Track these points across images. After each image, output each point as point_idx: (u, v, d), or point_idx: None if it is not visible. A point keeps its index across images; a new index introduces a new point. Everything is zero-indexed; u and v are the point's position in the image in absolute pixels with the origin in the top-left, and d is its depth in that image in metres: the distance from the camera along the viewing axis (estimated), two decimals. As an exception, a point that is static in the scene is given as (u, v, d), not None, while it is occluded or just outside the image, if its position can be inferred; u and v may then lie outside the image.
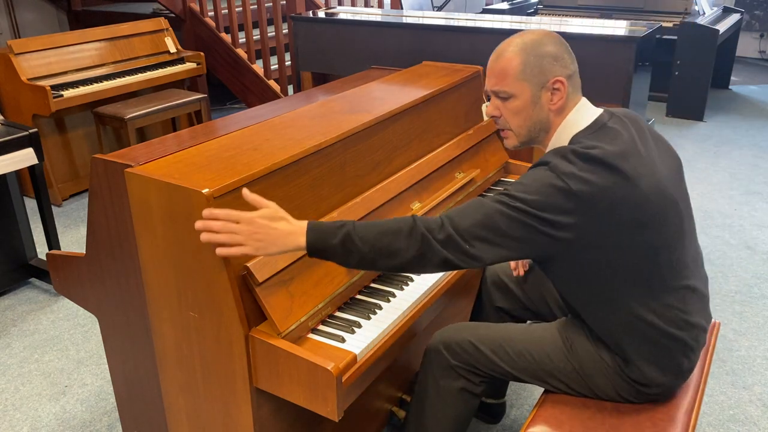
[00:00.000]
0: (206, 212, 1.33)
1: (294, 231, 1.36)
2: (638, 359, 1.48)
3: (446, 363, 1.63)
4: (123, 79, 4.08)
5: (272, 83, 4.70)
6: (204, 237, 1.34)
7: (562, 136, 1.48)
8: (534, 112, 1.48)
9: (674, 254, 1.45)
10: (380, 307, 1.58)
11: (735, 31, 5.91)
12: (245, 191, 1.38)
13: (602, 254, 1.39)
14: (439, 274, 1.73)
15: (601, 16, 5.66)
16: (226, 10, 4.79)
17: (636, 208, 1.37)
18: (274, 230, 1.34)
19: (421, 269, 1.39)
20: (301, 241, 1.36)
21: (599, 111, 1.50)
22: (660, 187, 1.40)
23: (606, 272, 1.42)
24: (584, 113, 1.49)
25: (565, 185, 1.33)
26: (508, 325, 1.68)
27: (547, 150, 1.50)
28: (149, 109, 3.86)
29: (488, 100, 1.54)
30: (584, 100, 1.50)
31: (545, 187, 1.34)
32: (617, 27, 3.11)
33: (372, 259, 1.37)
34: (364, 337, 1.47)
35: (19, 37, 5.43)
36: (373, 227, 1.38)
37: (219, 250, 1.33)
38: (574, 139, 1.44)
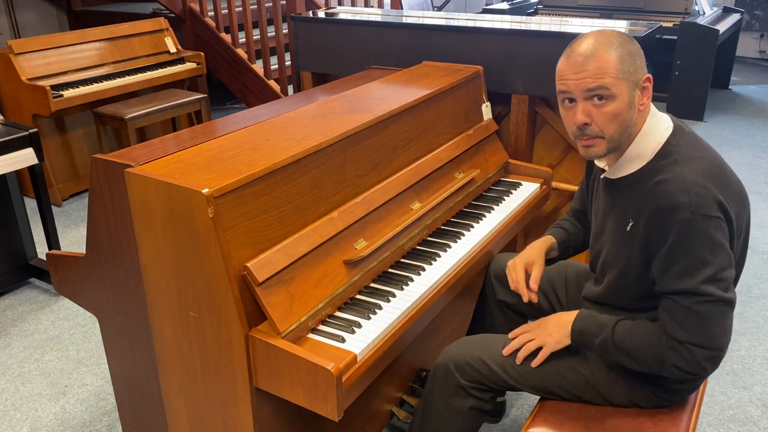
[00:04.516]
0: (511, 335, 1.61)
1: (567, 321, 1.53)
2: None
3: (456, 383, 1.61)
4: (123, 79, 4.08)
5: (272, 83, 4.70)
6: (518, 361, 1.57)
7: (646, 143, 1.41)
8: (629, 116, 1.36)
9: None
10: (380, 307, 1.58)
11: (735, 31, 5.91)
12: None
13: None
14: (439, 274, 1.74)
15: (601, 17, 5.66)
16: (226, 10, 4.80)
17: (746, 210, 1.43)
18: (559, 319, 1.55)
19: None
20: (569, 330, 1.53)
21: (664, 114, 1.46)
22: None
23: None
24: (660, 117, 1.43)
25: (727, 221, 1.33)
26: None
27: (624, 158, 1.44)
28: (149, 109, 3.86)
29: (567, 102, 1.40)
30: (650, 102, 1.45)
31: (717, 242, 1.32)
32: (617, 27, 3.10)
33: (630, 366, 1.46)
34: (365, 337, 1.47)
35: (19, 37, 5.43)
36: (630, 341, 1.43)
37: (532, 364, 1.55)
38: (670, 149, 1.39)
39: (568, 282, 1.83)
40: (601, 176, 1.54)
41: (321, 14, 3.01)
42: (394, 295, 1.63)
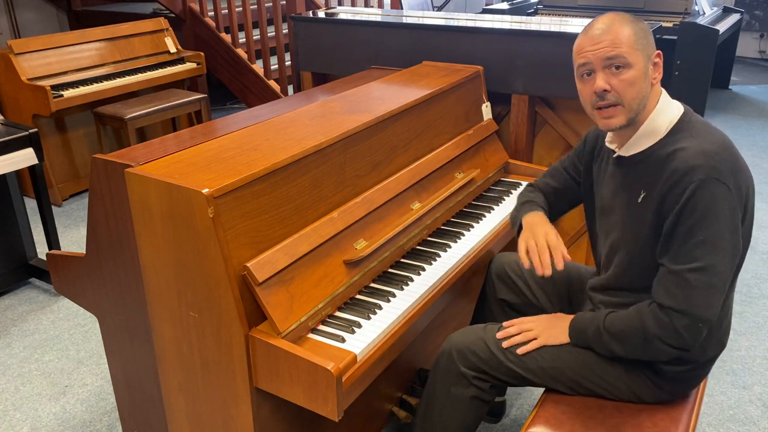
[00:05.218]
0: (506, 324, 1.64)
1: (566, 319, 1.60)
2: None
3: (457, 370, 1.62)
4: (123, 79, 4.08)
5: (272, 83, 4.70)
6: (505, 345, 1.59)
7: (660, 120, 1.46)
8: (645, 85, 1.44)
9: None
10: (380, 307, 1.58)
11: (735, 31, 5.91)
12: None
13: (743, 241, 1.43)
14: (439, 274, 1.74)
15: (601, 16, 5.65)
16: (226, 10, 4.80)
17: (752, 188, 1.44)
18: (557, 319, 1.61)
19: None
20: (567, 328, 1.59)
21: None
22: None
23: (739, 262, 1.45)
24: (671, 99, 1.50)
25: (737, 196, 1.36)
26: None
27: (638, 134, 1.47)
28: (149, 109, 3.86)
29: (585, 75, 1.45)
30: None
31: (730, 211, 1.35)
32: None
33: (623, 353, 1.49)
34: (364, 337, 1.47)
35: (19, 37, 5.43)
36: (618, 322, 1.47)
37: (520, 351, 1.58)
38: (683, 126, 1.44)
39: (571, 282, 1.83)
40: (613, 155, 1.56)
41: (321, 14, 3.01)
42: (394, 295, 1.63)
